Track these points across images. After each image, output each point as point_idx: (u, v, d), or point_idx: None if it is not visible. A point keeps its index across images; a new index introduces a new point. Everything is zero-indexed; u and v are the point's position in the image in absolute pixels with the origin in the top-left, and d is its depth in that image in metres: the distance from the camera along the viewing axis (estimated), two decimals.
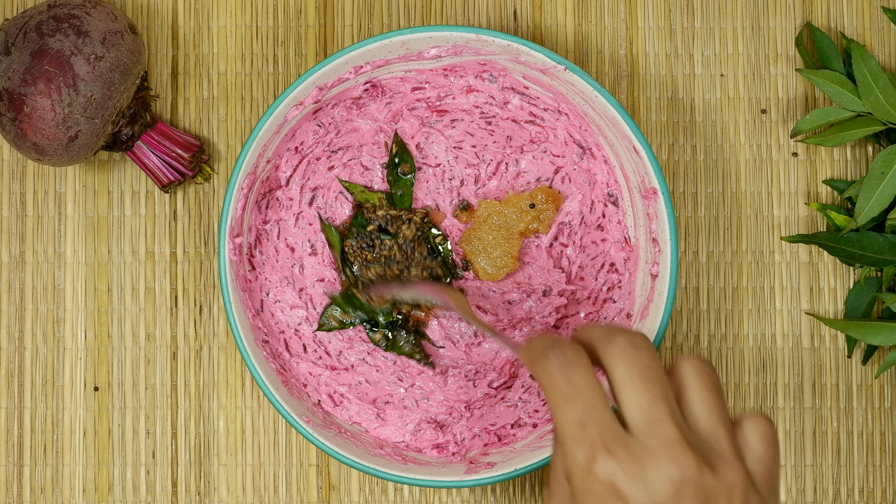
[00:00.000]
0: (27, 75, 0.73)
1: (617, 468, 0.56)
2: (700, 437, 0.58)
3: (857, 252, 0.79)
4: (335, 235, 0.79)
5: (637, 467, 0.56)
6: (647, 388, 0.57)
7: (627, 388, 0.57)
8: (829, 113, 0.79)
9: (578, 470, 0.57)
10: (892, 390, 0.81)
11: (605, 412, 0.57)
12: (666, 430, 0.56)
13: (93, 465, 0.80)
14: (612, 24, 0.82)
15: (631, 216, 0.78)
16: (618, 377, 0.58)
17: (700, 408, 0.58)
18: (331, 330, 0.79)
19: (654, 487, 0.56)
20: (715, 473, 0.56)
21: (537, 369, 0.59)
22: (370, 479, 0.80)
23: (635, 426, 0.57)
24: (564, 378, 0.58)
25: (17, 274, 0.81)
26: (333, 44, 0.82)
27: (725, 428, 0.58)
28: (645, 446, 0.56)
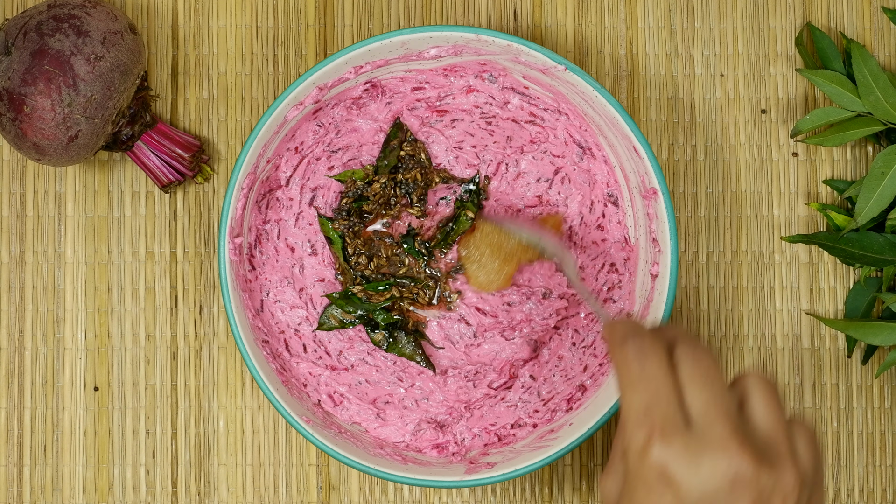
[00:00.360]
0: (27, 75, 0.73)
1: (671, 454, 0.58)
2: (760, 438, 0.59)
3: (857, 252, 0.79)
4: (333, 231, 0.79)
5: (691, 456, 0.58)
6: (705, 388, 0.59)
7: (690, 386, 0.59)
8: (829, 113, 0.79)
9: (634, 451, 0.59)
10: (892, 390, 0.81)
11: (671, 403, 0.59)
12: (721, 425, 0.58)
13: (93, 465, 0.80)
14: (612, 24, 0.82)
15: (631, 216, 0.78)
16: (683, 376, 0.60)
17: (761, 411, 0.60)
18: (331, 329, 0.79)
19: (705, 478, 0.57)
20: (773, 472, 0.58)
21: (615, 351, 0.61)
22: (370, 479, 0.80)
23: (695, 421, 0.59)
24: (638, 365, 0.60)
25: (17, 274, 0.81)
26: (333, 44, 0.82)
27: (783, 432, 0.60)
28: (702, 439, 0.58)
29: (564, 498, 0.81)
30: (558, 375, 0.79)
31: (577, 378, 0.78)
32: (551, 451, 0.73)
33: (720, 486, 0.58)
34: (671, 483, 0.58)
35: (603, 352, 0.78)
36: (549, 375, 0.79)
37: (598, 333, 0.79)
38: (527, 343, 0.78)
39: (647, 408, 0.59)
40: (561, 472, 0.81)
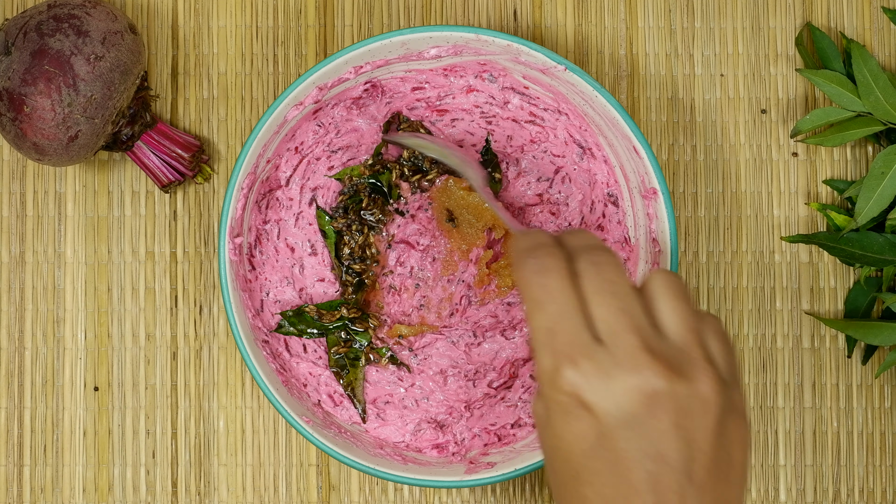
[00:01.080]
0: (27, 75, 0.73)
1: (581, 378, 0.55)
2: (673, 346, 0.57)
3: (857, 252, 0.79)
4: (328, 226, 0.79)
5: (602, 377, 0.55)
6: (610, 301, 0.57)
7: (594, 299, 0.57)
8: (829, 113, 0.79)
9: (545, 378, 0.57)
10: (892, 390, 0.81)
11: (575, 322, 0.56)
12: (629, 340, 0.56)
13: (93, 465, 0.80)
14: (612, 24, 0.82)
15: (631, 216, 0.78)
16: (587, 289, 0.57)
17: (669, 316, 0.58)
18: (288, 335, 0.78)
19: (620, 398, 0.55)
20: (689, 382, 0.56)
21: (516, 269, 0.59)
22: (370, 479, 0.80)
23: (603, 337, 0.56)
24: (539, 284, 0.57)
25: (17, 274, 0.81)
26: (333, 44, 0.82)
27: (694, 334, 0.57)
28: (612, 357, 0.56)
29: None
30: None
31: None
32: None
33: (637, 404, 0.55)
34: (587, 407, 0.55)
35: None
36: None
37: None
38: (527, 343, 0.78)
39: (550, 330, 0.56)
40: None
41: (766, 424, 0.81)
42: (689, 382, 0.56)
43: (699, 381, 0.56)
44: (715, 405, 0.56)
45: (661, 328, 0.58)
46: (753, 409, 0.81)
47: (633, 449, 0.55)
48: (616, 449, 0.55)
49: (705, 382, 0.56)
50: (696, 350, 0.57)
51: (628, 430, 0.55)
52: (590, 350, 0.56)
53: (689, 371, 0.56)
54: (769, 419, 0.81)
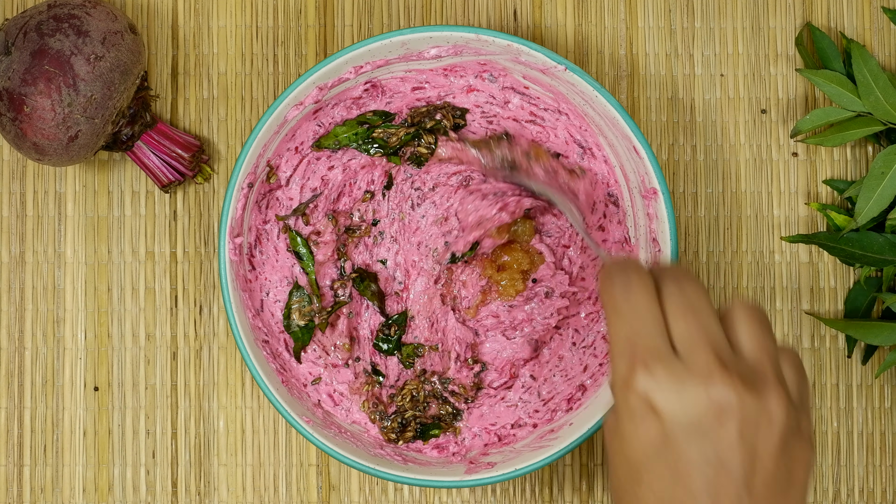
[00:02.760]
0: (27, 75, 0.73)
1: (654, 383, 0.57)
2: (746, 364, 0.59)
3: (857, 252, 0.79)
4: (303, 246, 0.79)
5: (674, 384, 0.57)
6: (689, 318, 0.59)
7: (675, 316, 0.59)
8: (829, 113, 0.79)
9: (619, 381, 0.59)
10: (892, 390, 0.81)
11: (656, 334, 0.59)
12: (705, 352, 0.58)
13: (93, 465, 0.80)
14: (612, 24, 0.82)
15: (631, 216, 0.78)
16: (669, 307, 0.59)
17: (747, 337, 0.60)
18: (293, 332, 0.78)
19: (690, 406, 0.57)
20: (758, 397, 0.58)
21: (603, 286, 0.61)
22: (370, 479, 0.80)
23: (680, 350, 0.58)
24: (623, 296, 0.60)
25: (17, 274, 0.81)
26: (333, 44, 0.82)
27: (770, 357, 0.59)
28: (686, 367, 0.58)
29: (564, 498, 0.81)
30: (558, 375, 0.79)
31: (578, 378, 0.78)
32: (551, 451, 0.73)
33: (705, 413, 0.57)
34: (656, 412, 0.57)
35: (603, 352, 0.78)
36: (550, 375, 0.79)
37: (598, 333, 0.79)
38: (528, 343, 0.78)
39: (630, 338, 0.59)
40: (561, 472, 0.81)
41: None
42: (758, 397, 0.58)
43: (769, 397, 0.58)
44: (781, 423, 0.58)
45: (737, 349, 0.60)
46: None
47: (696, 455, 0.57)
48: (679, 453, 0.57)
49: (775, 400, 0.58)
50: (770, 370, 0.59)
51: (694, 436, 0.57)
52: (665, 358, 0.58)
53: (760, 387, 0.58)
54: None
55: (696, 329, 0.59)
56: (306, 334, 0.78)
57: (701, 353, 0.58)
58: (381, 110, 0.78)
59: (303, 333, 0.78)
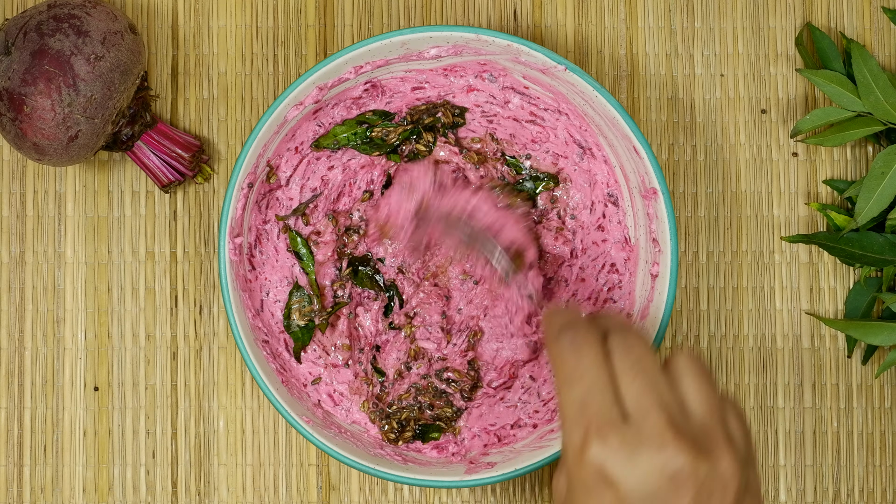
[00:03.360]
0: (27, 75, 0.73)
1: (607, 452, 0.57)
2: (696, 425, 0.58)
3: (857, 252, 0.79)
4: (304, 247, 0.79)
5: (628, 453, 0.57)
6: (639, 379, 0.58)
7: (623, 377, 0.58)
8: (829, 113, 0.79)
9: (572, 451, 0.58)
10: (892, 390, 0.81)
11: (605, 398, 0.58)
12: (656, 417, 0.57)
13: (93, 465, 0.80)
14: (612, 24, 0.82)
15: (631, 216, 0.78)
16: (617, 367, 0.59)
17: (694, 396, 0.59)
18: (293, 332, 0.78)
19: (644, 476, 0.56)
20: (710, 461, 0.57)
21: (550, 344, 0.60)
22: (370, 479, 0.80)
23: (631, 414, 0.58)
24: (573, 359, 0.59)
25: (17, 274, 0.81)
26: (333, 44, 0.82)
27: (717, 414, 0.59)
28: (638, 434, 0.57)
29: None
30: None
31: None
32: (551, 451, 0.73)
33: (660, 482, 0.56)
34: (610, 483, 0.57)
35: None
36: (549, 376, 0.79)
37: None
38: (527, 345, 0.78)
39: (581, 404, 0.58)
40: None
41: (766, 424, 0.81)
42: (710, 461, 0.57)
43: (720, 459, 0.58)
44: (734, 485, 0.58)
45: (685, 407, 0.59)
46: (753, 409, 0.81)
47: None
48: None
49: (726, 461, 0.58)
50: (719, 430, 0.59)
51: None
52: (617, 425, 0.57)
53: (712, 450, 0.58)
54: (769, 419, 0.81)
55: (646, 390, 0.58)
56: (306, 334, 0.78)
57: (651, 417, 0.57)
58: (380, 110, 0.78)
59: (303, 333, 0.78)
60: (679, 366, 0.60)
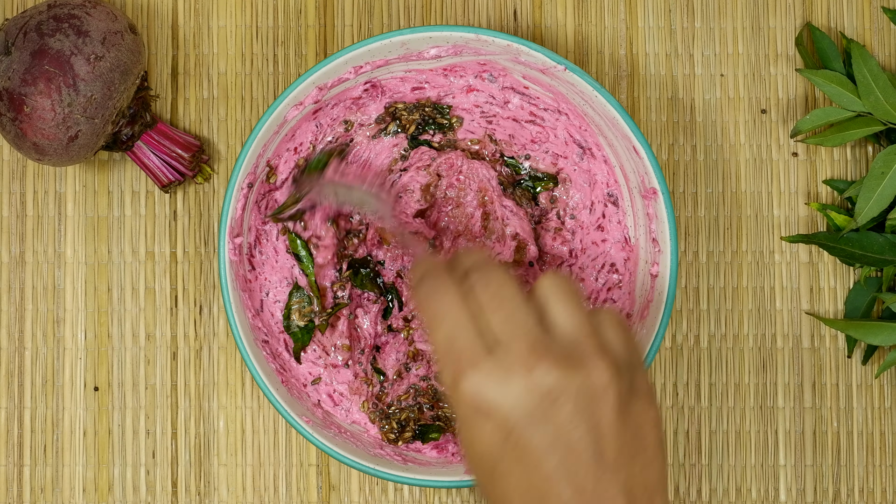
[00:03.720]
0: (27, 75, 0.73)
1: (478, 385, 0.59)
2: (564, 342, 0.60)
3: (857, 252, 0.79)
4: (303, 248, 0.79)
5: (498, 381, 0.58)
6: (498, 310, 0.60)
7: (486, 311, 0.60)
8: (829, 113, 0.79)
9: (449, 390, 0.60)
10: (892, 390, 0.81)
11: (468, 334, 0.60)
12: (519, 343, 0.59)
13: (93, 465, 0.80)
14: (612, 24, 0.82)
15: (631, 216, 0.78)
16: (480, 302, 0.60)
17: (561, 316, 0.61)
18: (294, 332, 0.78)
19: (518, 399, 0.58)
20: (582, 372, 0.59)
21: (414, 294, 0.62)
22: (370, 479, 0.80)
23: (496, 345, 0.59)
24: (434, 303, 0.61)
25: (17, 274, 0.81)
26: (333, 44, 0.82)
27: (586, 328, 0.61)
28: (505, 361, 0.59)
29: None
30: None
31: None
32: None
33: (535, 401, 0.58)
34: (487, 413, 0.58)
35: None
36: None
37: None
38: None
39: (448, 344, 0.60)
40: None
41: (766, 424, 0.81)
42: (582, 373, 0.59)
43: (592, 369, 0.59)
44: (612, 390, 0.59)
45: (552, 328, 0.61)
46: (753, 408, 0.81)
47: (539, 443, 0.58)
48: (523, 446, 0.58)
49: (599, 369, 0.59)
50: (588, 342, 0.60)
51: (532, 426, 0.58)
52: (483, 358, 0.59)
53: (582, 363, 0.59)
54: (769, 419, 0.81)
55: (506, 318, 0.60)
56: (306, 335, 0.78)
57: (515, 343, 0.59)
58: None
59: (302, 334, 0.78)
60: (543, 289, 0.62)
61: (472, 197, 0.79)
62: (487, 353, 0.59)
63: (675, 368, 0.81)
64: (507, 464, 0.59)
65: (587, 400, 0.58)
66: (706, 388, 0.81)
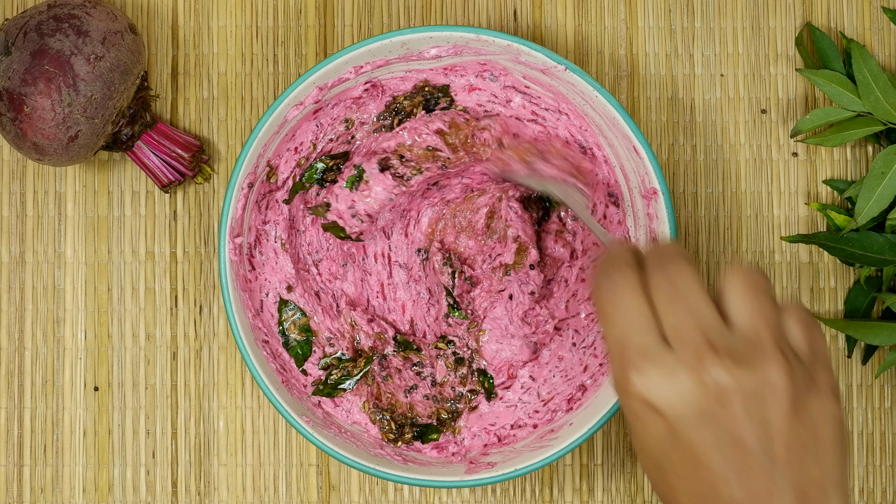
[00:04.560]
0: (27, 75, 0.73)
1: (646, 381, 0.58)
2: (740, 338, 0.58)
3: (857, 252, 0.79)
4: None
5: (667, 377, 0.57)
6: (678, 307, 0.59)
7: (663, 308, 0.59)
8: (829, 113, 0.79)
9: (619, 387, 0.59)
10: (892, 390, 0.81)
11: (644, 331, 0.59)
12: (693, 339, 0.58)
13: (93, 465, 0.80)
14: (612, 24, 0.82)
15: (631, 216, 0.78)
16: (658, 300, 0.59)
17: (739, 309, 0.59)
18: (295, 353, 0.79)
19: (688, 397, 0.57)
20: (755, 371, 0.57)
21: (592, 290, 0.62)
22: (370, 479, 0.80)
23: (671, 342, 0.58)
24: (609, 299, 0.60)
25: (17, 274, 0.81)
26: (333, 44, 0.82)
27: (765, 322, 0.59)
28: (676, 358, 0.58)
29: (564, 498, 0.81)
30: (558, 376, 0.79)
31: (578, 378, 0.78)
32: (551, 451, 0.73)
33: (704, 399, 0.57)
34: (657, 410, 0.58)
35: (604, 352, 0.78)
36: (549, 376, 0.79)
37: (598, 333, 0.79)
38: (526, 346, 0.78)
39: (620, 339, 0.59)
40: (561, 472, 0.81)
41: None
42: (755, 371, 0.57)
43: (767, 367, 0.58)
44: (786, 388, 0.57)
45: (732, 324, 0.59)
46: None
47: (706, 441, 0.57)
48: (690, 443, 0.57)
49: (773, 368, 0.58)
50: (766, 338, 0.58)
51: (700, 424, 0.57)
52: (655, 354, 0.58)
53: (756, 360, 0.58)
54: None
55: (684, 316, 0.58)
56: (305, 346, 0.78)
57: (690, 340, 0.58)
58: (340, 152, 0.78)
59: (302, 347, 0.78)
60: (727, 282, 0.60)
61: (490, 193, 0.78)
62: (662, 348, 0.58)
63: None
64: (677, 461, 0.58)
65: (758, 398, 0.57)
66: None
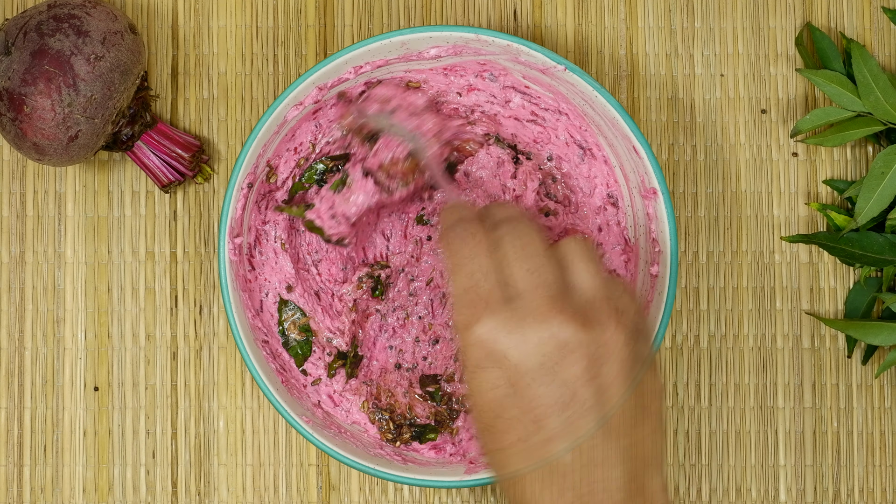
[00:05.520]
0: (27, 75, 0.73)
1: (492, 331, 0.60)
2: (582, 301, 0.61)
3: (857, 252, 0.79)
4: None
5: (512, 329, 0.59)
6: (522, 263, 0.61)
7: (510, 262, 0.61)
8: (829, 113, 0.79)
9: (461, 332, 0.61)
10: (892, 390, 0.81)
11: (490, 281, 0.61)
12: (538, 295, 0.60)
13: (93, 465, 0.80)
14: (612, 24, 0.82)
15: (631, 216, 0.78)
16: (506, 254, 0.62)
17: (581, 277, 0.62)
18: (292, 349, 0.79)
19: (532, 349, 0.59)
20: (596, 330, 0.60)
21: (443, 237, 0.64)
22: (370, 479, 0.80)
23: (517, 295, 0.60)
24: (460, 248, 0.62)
25: (17, 274, 0.81)
26: (333, 44, 0.82)
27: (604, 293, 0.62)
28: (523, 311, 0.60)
29: None
30: None
31: None
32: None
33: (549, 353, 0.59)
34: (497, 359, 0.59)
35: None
36: None
37: None
38: None
39: (469, 289, 0.61)
40: None
41: (766, 424, 0.81)
42: (596, 331, 0.60)
43: (606, 329, 0.60)
44: (622, 353, 0.60)
45: (572, 287, 0.62)
46: (753, 409, 0.81)
47: (546, 394, 0.59)
48: (530, 396, 0.59)
49: (611, 330, 0.60)
50: (605, 304, 0.61)
51: (540, 378, 0.59)
52: (502, 305, 0.60)
53: (597, 321, 0.60)
54: (769, 419, 0.81)
55: (529, 272, 0.61)
56: (305, 346, 0.78)
57: (536, 296, 0.60)
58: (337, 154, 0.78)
59: (301, 347, 0.78)
60: (566, 250, 0.63)
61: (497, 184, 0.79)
62: (506, 301, 0.60)
63: (675, 368, 0.81)
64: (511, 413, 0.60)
65: (597, 358, 0.59)
66: (706, 388, 0.81)
